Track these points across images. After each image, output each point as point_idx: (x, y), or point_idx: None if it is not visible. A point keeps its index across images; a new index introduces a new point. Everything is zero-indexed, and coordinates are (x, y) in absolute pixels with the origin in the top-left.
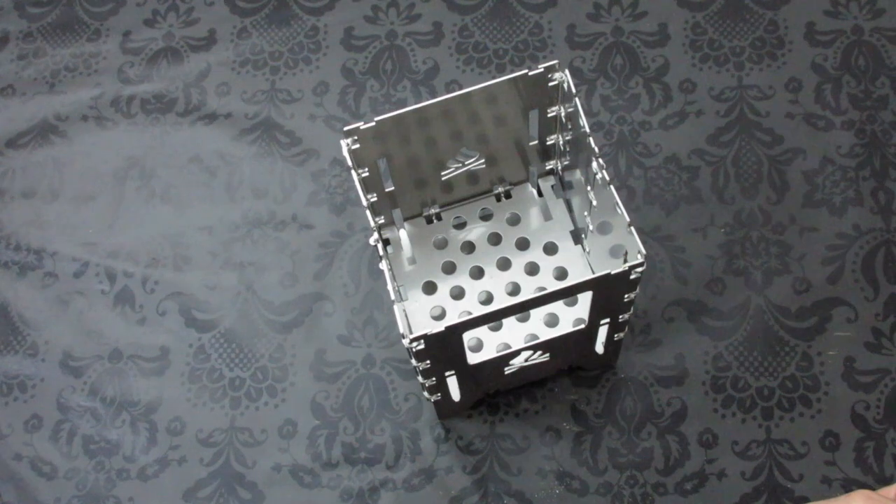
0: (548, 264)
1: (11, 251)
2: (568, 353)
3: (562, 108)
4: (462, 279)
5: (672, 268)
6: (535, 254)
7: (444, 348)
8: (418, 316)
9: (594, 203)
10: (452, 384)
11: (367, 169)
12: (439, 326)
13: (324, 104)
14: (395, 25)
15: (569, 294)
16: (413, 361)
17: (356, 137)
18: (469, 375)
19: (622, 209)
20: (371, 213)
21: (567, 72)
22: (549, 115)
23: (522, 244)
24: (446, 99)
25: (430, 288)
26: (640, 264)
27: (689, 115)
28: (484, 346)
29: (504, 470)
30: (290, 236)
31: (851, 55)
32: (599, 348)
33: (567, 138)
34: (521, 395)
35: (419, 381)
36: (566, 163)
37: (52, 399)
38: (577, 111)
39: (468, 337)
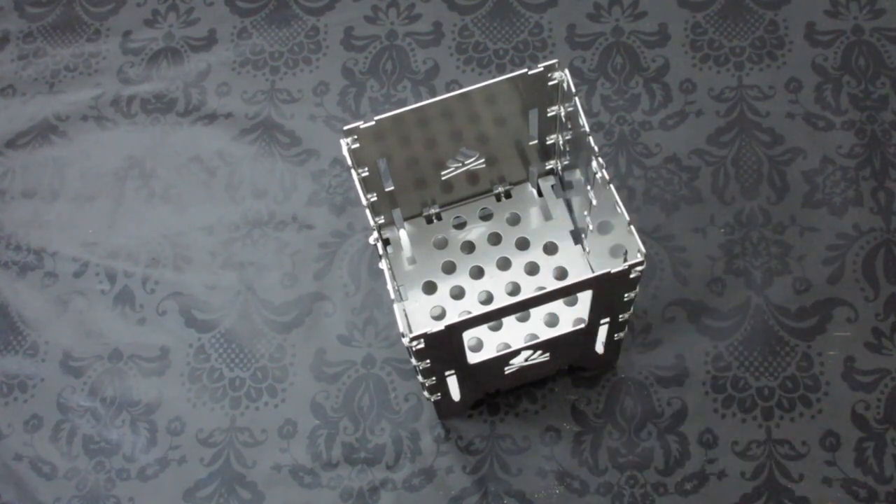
0: (548, 264)
1: (11, 251)
2: (568, 352)
3: (562, 108)
4: (462, 279)
5: (672, 268)
6: (535, 253)
7: (444, 348)
8: (418, 316)
9: (594, 203)
10: (452, 384)
11: (367, 169)
12: (439, 326)
13: (324, 104)
14: (395, 25)
15: (569, 293)
16: (413, 361)
17: (356, 137)
18: (469, 375)
19: (622, 209)
20: (371, 212)
21: (567, 71)
22: (549, 115)
23: (522, 244)
24: (446, 98)
25: (430, 288)
26: (640, 263)
27: (689, 115)
28: (484, 346)
29: (504, 470)
30: (290, 236)
31: (851, 55)
32: (599, 348)
33: (567, 138)
34: (521, 395)
35: (419, 380)
36: (566, 162)
37: (52, 399)
38: (576, 111)
39: (468, 337)
